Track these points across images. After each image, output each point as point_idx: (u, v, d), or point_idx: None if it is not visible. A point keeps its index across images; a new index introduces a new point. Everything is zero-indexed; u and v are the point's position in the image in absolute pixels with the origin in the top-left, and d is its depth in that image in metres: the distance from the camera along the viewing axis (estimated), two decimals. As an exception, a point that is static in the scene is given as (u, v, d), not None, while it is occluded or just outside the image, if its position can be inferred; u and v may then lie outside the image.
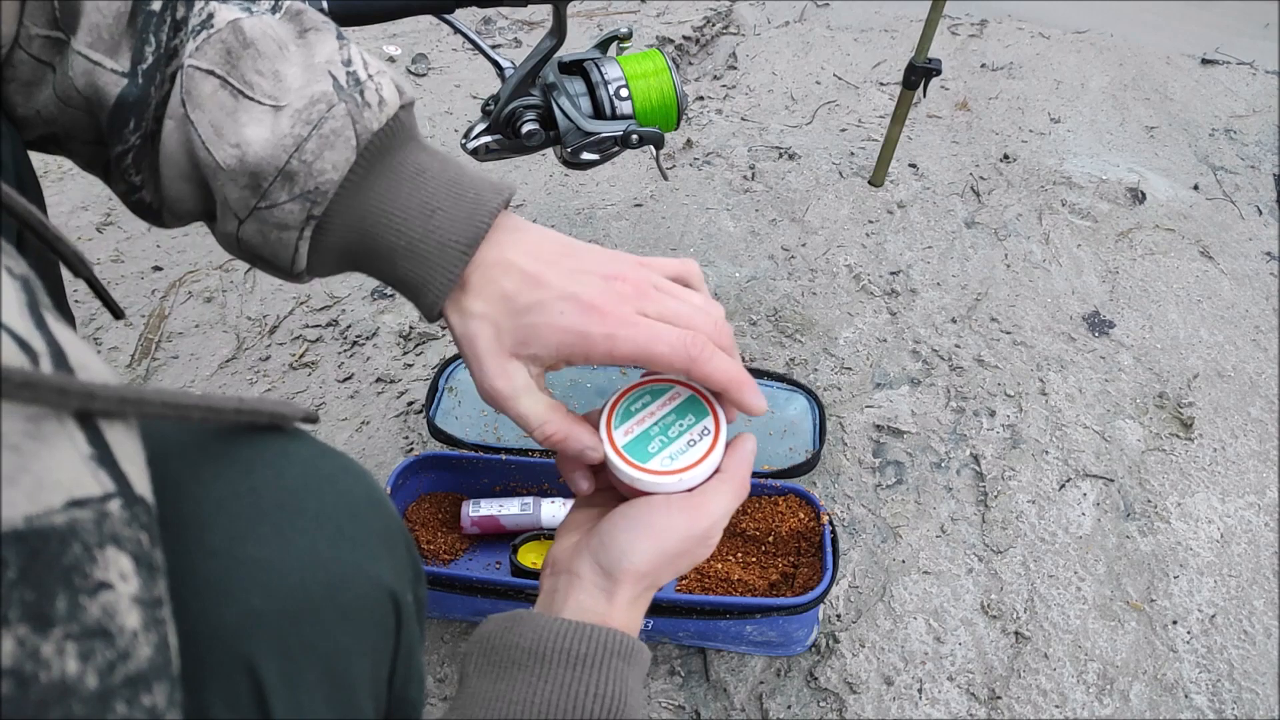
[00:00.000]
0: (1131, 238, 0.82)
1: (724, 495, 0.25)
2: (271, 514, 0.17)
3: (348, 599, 0.18)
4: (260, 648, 0.16)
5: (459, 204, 0.24)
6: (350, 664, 0.18)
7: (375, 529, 0.19)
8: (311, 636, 0.17)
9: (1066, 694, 0.48)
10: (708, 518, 0.25)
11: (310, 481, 0.18)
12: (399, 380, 0.63)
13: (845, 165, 0.88)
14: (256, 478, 0.18)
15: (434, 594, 0.45)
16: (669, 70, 0.47)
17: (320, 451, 0.20)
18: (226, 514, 0.17)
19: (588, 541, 0.25)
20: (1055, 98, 1.02)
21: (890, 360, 0.68)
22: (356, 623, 0.18)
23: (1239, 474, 0.61)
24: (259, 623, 0.16)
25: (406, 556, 0.21)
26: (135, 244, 0.73)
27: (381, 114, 0.24)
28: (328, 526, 0.18)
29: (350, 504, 0.19)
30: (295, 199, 0.23)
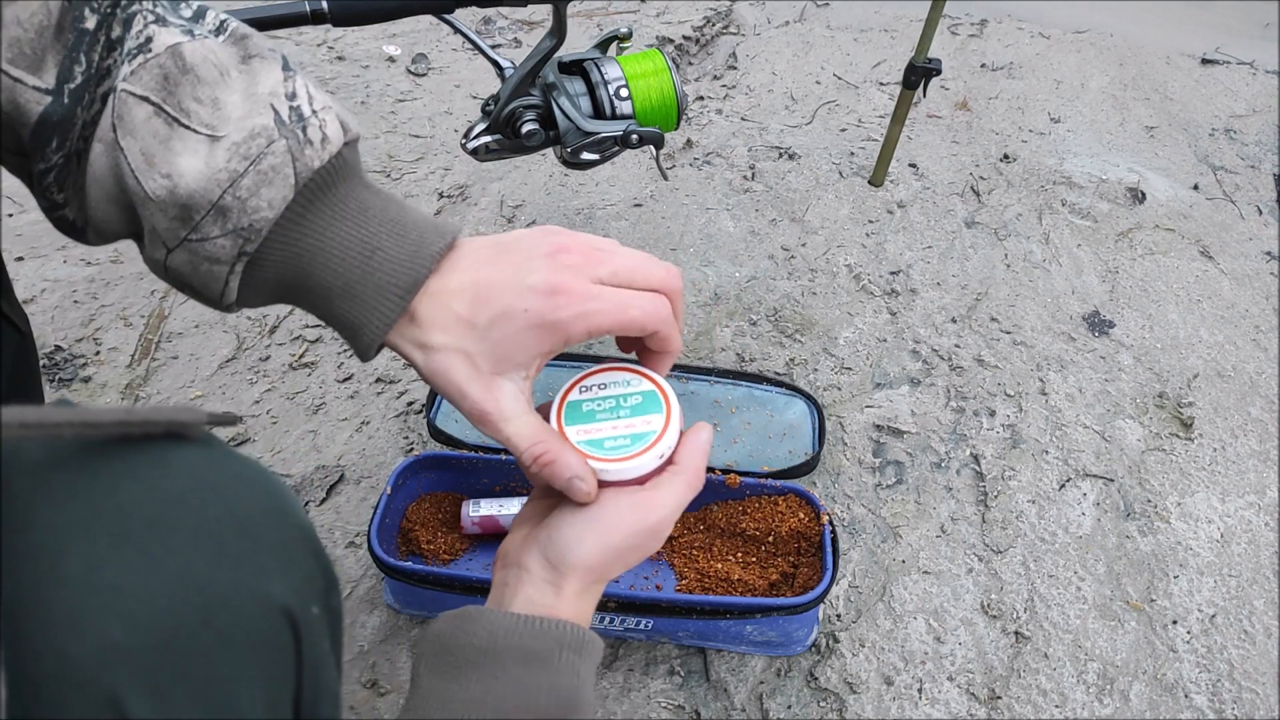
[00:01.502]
0: (1131, 237, 0.82)
1: (675, 488, 0.25)
2: (138, 534, 0.16)
3: (227, 622, 0.16)
4: (124, 681, 0.15)
5: (401, 244, 0.23)
6: (235, 692, 0.16)
7: (267, 541, 0.18)
8: (185, 666, 0.15)
9: (1066, 694, 0.48)
10: (657, 510, 0.24)
11: (190, 495, 0.17)
12: (399, 380, 0.63)
13: (845, 165, 0.87)
14: (123, 494, 0.16)
15: (433, 594, 0.45)
16: (669, 70, 0.47)
17: (211, 459, 0.18)
18: (84, 537, 0.15)
19: (536, 535, 0.25)
20: (1055, 97, 1.02)
21: (890, 360, 0.68)
22: (241, 647, 0.16)
23: (1239, 474, 0.61)
24: (120, 655, 0.15)
25: (312, 566, 0.19)
26: (134, 245, 0.73)
27: (324, 151, 0.23)
28: (206, 544, 0.17)
29: (238, 516, 0.17)
30: (227, 234, 0.22)
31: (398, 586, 0.46)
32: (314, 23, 0.41)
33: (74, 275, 0.69)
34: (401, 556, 0.49)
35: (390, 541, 0.48)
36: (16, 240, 0.71)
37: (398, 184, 0.82)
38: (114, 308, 0.67)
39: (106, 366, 0.62)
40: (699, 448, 0.26)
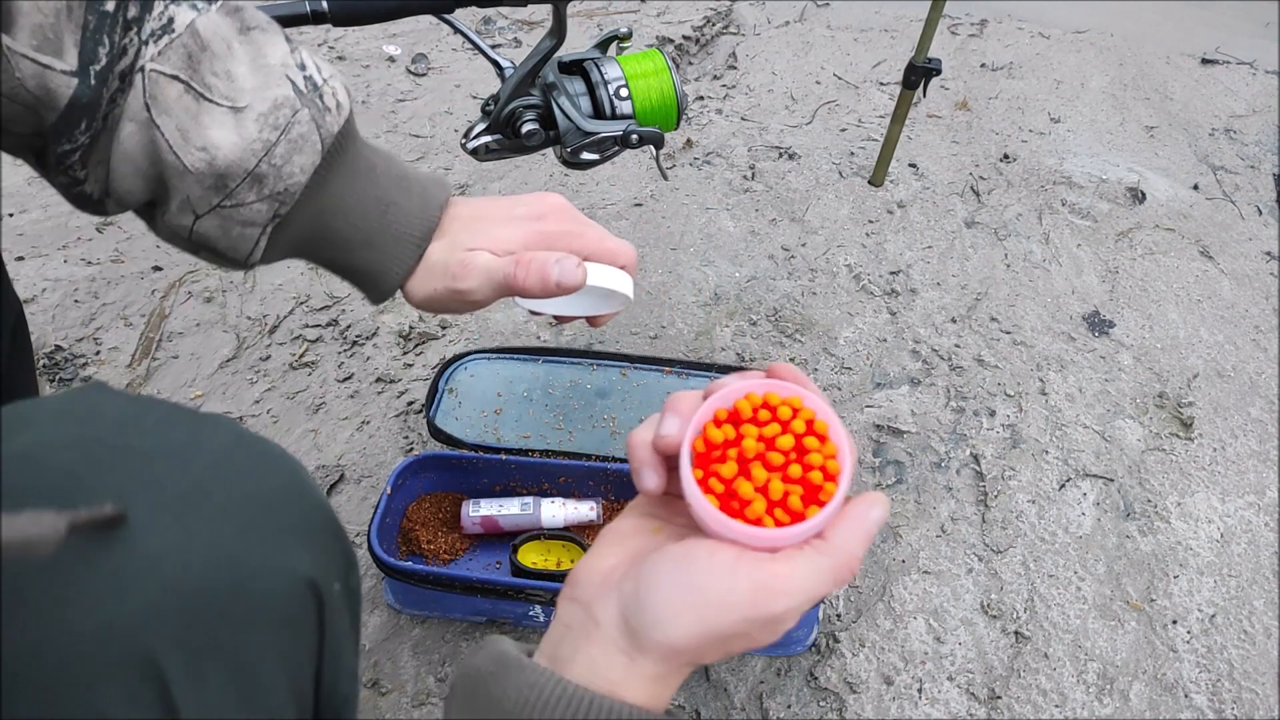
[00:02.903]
0: (1131, 237, 0.82)
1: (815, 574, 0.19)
2: (174, 506, 0.16)
3: (256, 594, 0.17)
4: (161, 642, 0.15)
5: (409, 198, 0.27)
6: (263, 661, 0.17)
7: (291, 519, 0.18)
8: (217, 633, 0.16)
9: (1066, 694, 0.48)
10: (785, 598, 0.18)
11: (220, 472, 0.18)
12: (399, 380, 0.63)
13: (845, 165, 0.87)
14: (159, 469, 0.17)
15: (434, 593, 0.45)
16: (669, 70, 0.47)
17: (236, 441, 0.19)
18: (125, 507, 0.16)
19: (621, 582, 0.20)
20: (1055, 97, 1.01)
21: (890, 360, 0.67)
22: (268, 616, 0.17)
23: (1239, 474, 0.61)
24: (159, 618, 0.15)
25: (334, 545, 0.20)
26: (135, 244, 0.73)
27: (340, 117, 0.25)
28: (236, 519, 0.17)
29: (264, 495, 0.18)
30: (264, 199, 0.24)
31: (398, 586, 0.46)
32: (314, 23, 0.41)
33: (74, 275, 0.69)
34: (402, 556, 0.49)
35: (390, 541, 0.48)
36: (18, 240, 0.71)
37: (398, 184, 0.82)
38: (114, 307, 0.67)
39: (107, 366, 0.62)
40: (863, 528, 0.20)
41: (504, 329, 0.68)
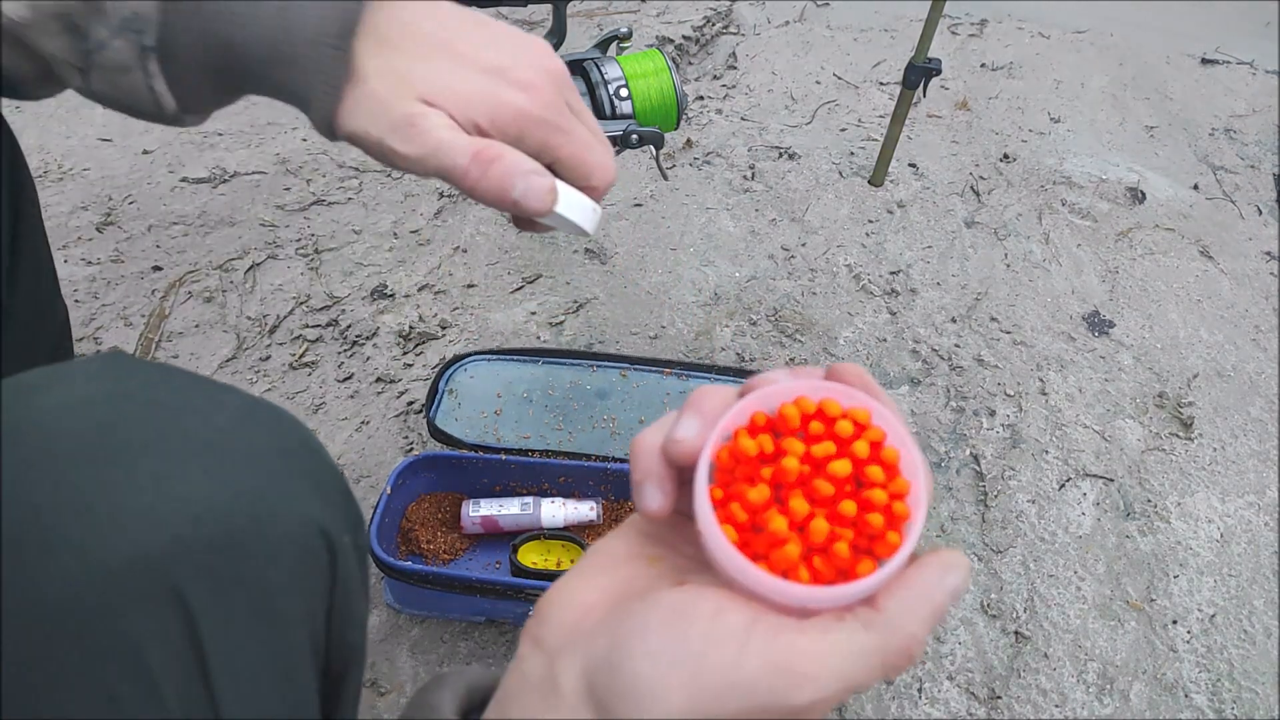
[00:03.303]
0: (1131, 237, 0.82)
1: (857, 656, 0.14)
2: (199, 454, 0.17)
3: (277, 535, 0.17)
4: (188, 576, 0.16)
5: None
6: (283, 599, 0.17)
7: (307, 470, 0.19)
8: (240, 568, 0.17)
9: (1066, 694, 0.48)
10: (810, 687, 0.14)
11: (240, 427, 0.18)
12: (399, 380, 0.63)
13: (845, 165, 0.87)
14: (185, 421, 0.17)
15: (433, 594, 0.45)
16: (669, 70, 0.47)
17: (253, 402, 0.19)
18: (154, 452, 0.17)
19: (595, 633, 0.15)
20: (1055, 97, 1.01)
21: (890, 360, 0.67)
22: (287, 558, 0.17)
23: (1239, 474, 0.61)
24: (187, 552, 0.16)
25: (344, 502, 0.20)
26: (135, 244, 0.73)
27: None
28: (257, 467, 0.18)
29: (282, 447, 0.19)
30: (117, 34, 0.19)
31: (398, 586, 0.46)
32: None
33: (74, 275, 0.69)
34: (401, 556, 0.49)
35: (390, 541, 0.48)
36: (17, 240, 0.71)
37: (399, 184, 0.82)
38: (114, 307, 0.67)
39: (107, 366, 0.62)
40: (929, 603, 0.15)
41: (504, 329, 0.68)
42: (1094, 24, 1.16)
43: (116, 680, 0.15)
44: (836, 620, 0.15)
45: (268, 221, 0.76)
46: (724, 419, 0.16)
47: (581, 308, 0.70)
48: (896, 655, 0.14)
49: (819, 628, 0.14)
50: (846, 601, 0.15)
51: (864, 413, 0.16)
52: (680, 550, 0.17)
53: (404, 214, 0.78)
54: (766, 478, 0.15)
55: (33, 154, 0.81)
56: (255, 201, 0.78)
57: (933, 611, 0.15)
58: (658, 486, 0.16)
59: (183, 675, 0.16)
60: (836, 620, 0.15)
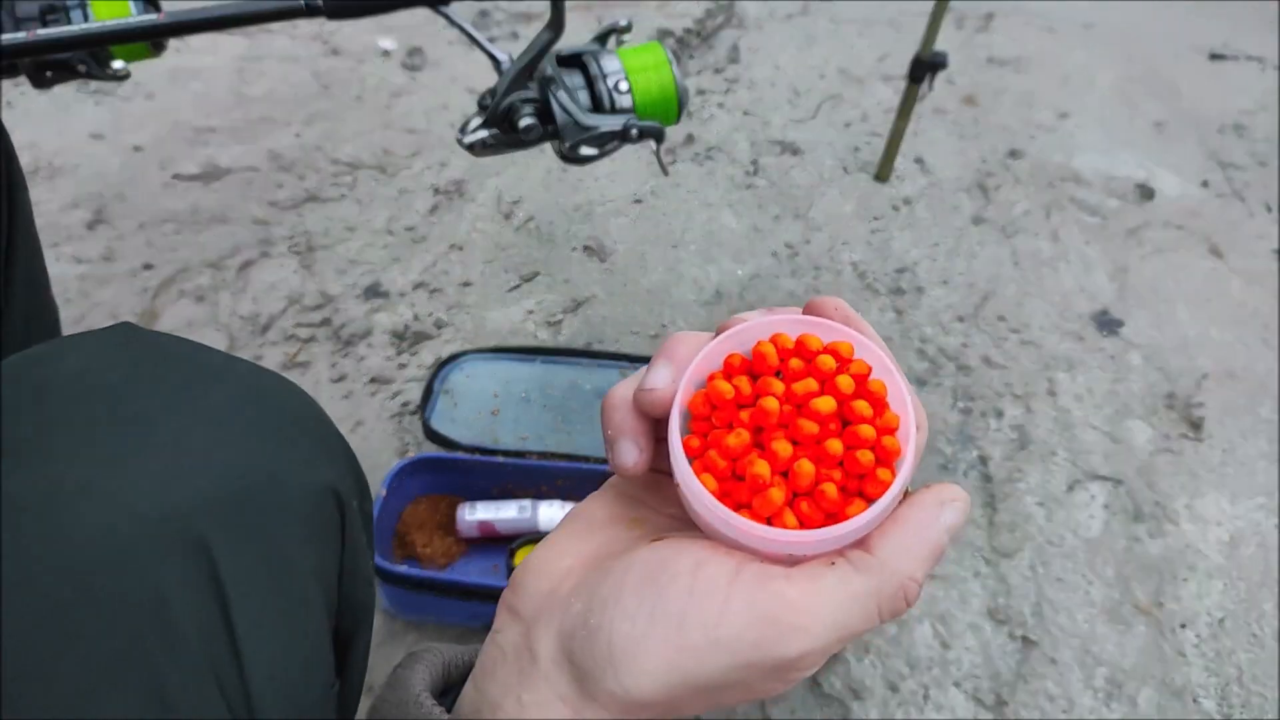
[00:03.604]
0: (1140, 235, 0.81)
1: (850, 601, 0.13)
2: (216, 415, 0.18)
3: (291, 492, 0.18)
4: (212, 529, 0.16)
5: None
6: (298, 554, 0.18)
7: (316, 438, 0.19)
8: (259, 522, 0.17)
9: (1074, 699, 0.47)
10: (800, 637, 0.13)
11: (251, 394, 0.19)
12: (393, 381, 0.62)
13: (850, 160, 0.86)
14: (197, 388, 0.18)
15: (430, 599, 0.44)
16: (669, 63, 0.46)
17: (261, 370, 0.20)
18: (172, 415, 0.17)
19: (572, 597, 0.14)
20: (1063, 93, 1.00)
21: (896, 359, 0.66)
22: (301, 516, 0.18)
23: (1249, 475, 0.60)
24: (210, 507, 0.16)
25: (351, 468, 0.21)
26: (126, 242, 0.71)
27: None
28: (269, 430, 0.18)
29: (290, 413, 0.19)
30: None
31: (393, 591, 0.45)
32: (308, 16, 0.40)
33: (65, 273, 0.68)
34: (397, 560, 0.48)
35: (385, 545, 0.47)
36: (5, 237, 0.70)
37: (393, 180, 0.81)
38: (105, 306, 0.66)
39: (97, 366, 0.61)
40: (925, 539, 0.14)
41: (501, 328, 0.67)
42: (1101, 18, 1.15)
43: (144, 626, 0.15)
44: (826, 566, 0.13)
45: (260, 219, 0.75)
46: (695, 363, 0.15)
47: (580, 306, 0.69)
48: (892, 599, 0.13)
49: (808, 574, 0.13)
50: (837, 545, 0.14)
51: (846, 346, 0.15)
52: (662, 511, 0.16)
53: (399, 210, 0.77)
54: (746, 421, 0.14)
55: (24, 151, 0.79)
56: (248, 198, 0.77)
57: (930, 550, 0.14)
58: (632, 442, 0.15)
59: (206, 623, 0.16)
60: (826, 566, 0.13)
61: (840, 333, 0.15)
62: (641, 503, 0.16)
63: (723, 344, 0.15)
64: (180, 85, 0.91)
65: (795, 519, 0.14)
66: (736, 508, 0.14)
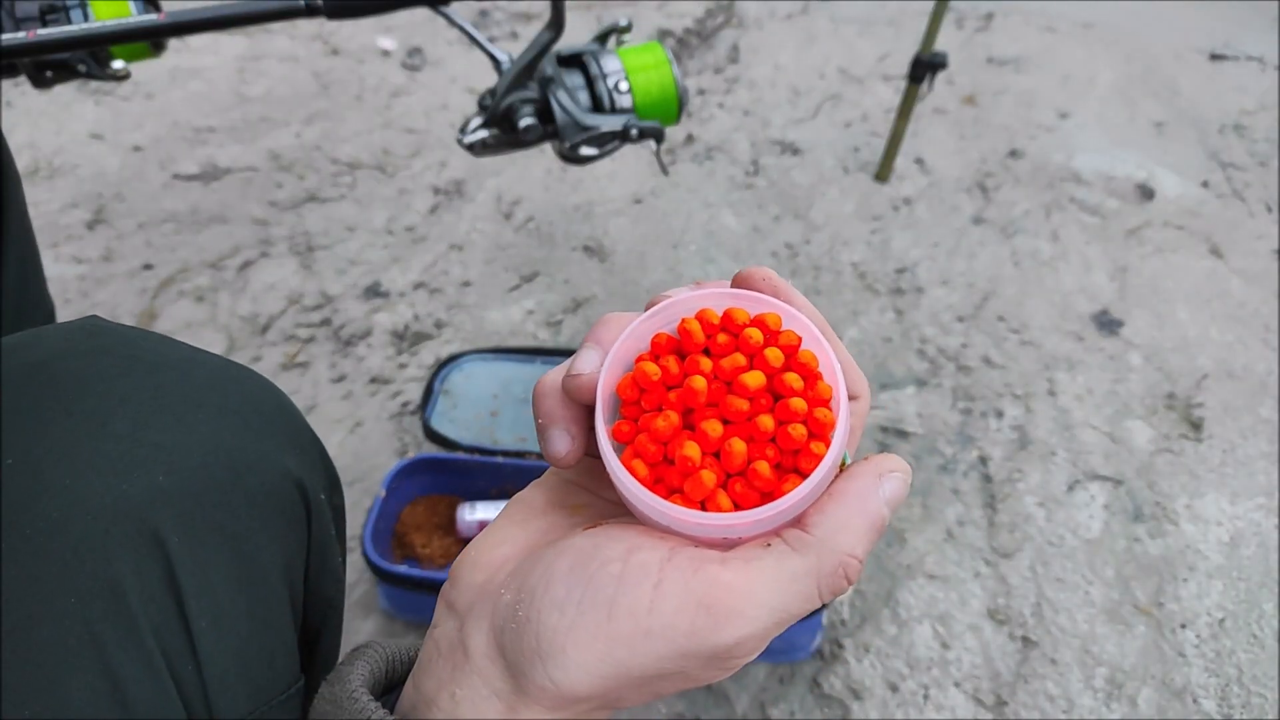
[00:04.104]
0: (1140, 235, 0.81)
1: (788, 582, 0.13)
2: (175, 406, 0.17)
3: (253, 484, 0.17)
4: (167, 522, 0.16)
5: None
6: (259, 547, 0.17)
7: (282, 429, 0.19)
8: (217, 516, 0.17)
9: (1074, 699, 0.47)
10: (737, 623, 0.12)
11: (216, 384, 0.18)
12: (393, 381, 0.62)
13: (850, 160, 0.86)
14: (161, 377, 0.18)
15: (430, 599, 0.44)
16: (669, 63, 0.46)
17: (228, 363, 0.20)
18: (130, 406, 0.17)
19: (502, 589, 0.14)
20: (1063, 93, 1.00)
21: (896, 360, 0.66)
22: (263, 508, 0.18)
23: (1249, 475, 0.60)
24: (165, 499, 0.16)
25: (319, 462, 0.20)
26: (125, 242, 0.71)
27: None
28: (233, 420, 0.18)
29: (256, 403, 0.19)
30: None
31: (393, 592, 0.45)
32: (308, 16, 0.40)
33: (64, 274, 0.68)
34: (396, 561, 0.48)
35: (385, 546, 0.47)
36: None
37: (393, 180, 0.81)
38: (104, 306, 0.66)
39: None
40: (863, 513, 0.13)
41: (501, 329, 0.67)
42: (1101, 18, 1.15)
43: (98, 618, 0.15)
44: (762, 547, 0.13)
45: (260, 219, 0.75)
46: (618, 344, 0.14)
47: (580, 306, 0.69)
48: (831, 577, 0.13)
49: (743, 557, 0.13)
50: (772, 525, 0.13)
51: (774, 318, 0.14)
52: (602, 496, 0.16)
53: (399, 210, 0.77)
54: (675, 403, 0.13)
55: (23, 151, 0.79)
56: (247, 198, 0.76)
57: (869, 524, 0.13)
58: (563, 430, 0.14)
59: (161, 616, 0.16)
60: (762, 547, 0.13)
61: (768, 304, 0.14)
62: (582, 488, 0.16)
63: (648, 323, 0.14)
64: (180, 85, 0.90)
65: (730, 501, 0.13)
66: (669, 493, 0.13)
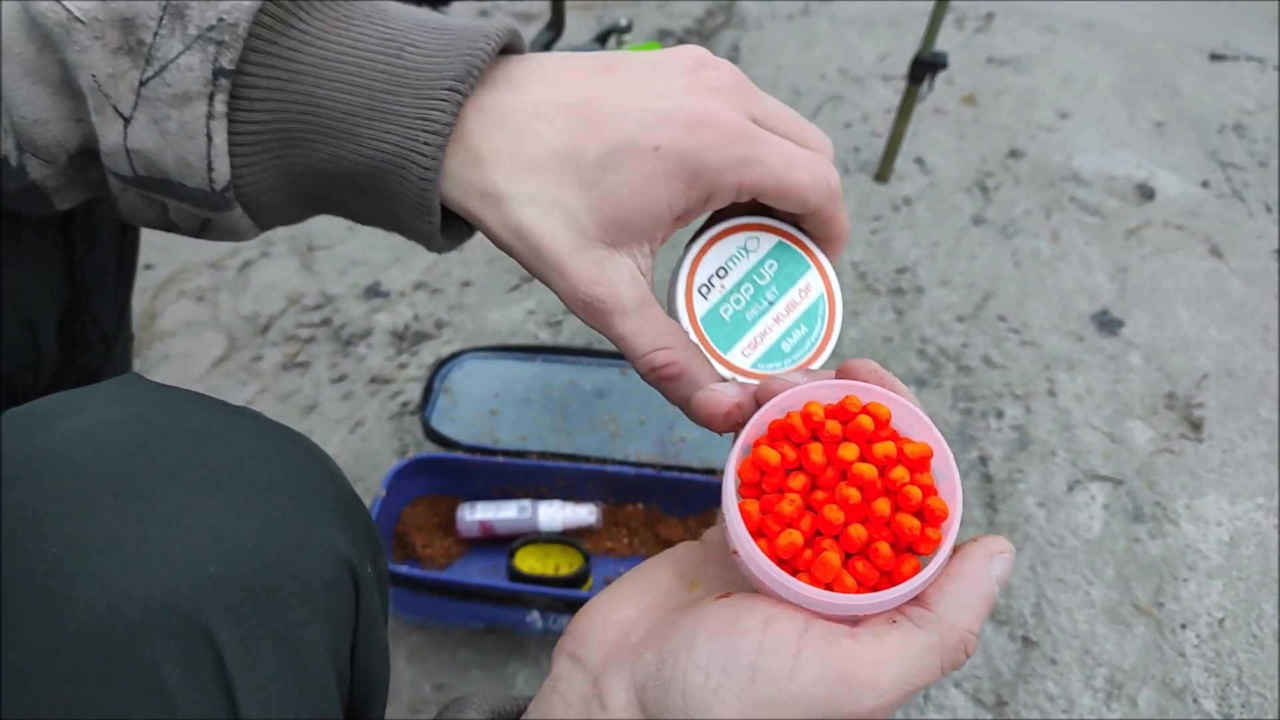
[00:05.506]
0: (1140, 235, 0.81)
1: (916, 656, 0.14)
2: (223, 485, 0.17)
3: (303, 567, 0.17)
4: (217, 614, 0.15)
5: (439, 38, 0.16)
6: (308, 633, 0.17)
7: (328, 501, 0.18)
8: (268, 604, 0.16)
9: (1074, 699, 0.47)
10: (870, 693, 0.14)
11: (260, 455, 0.17)
12: (393, 380, 0.62)
13: (850, 160, 0.86)
14: (206, 451, 0.17)
15: (430, 600, 0.44)
16: (671, 61, 0.45)
17: (268, 426, 0.19)
18: (179, 483, 0.16)
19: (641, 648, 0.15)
20: (1063, 92, 1.00)
21: (896, 360, 0.66)
22: (313, 591, 0.17)
23: (1248, 475, 0.60)
24: (215, 590, 0.16)
25: (363, 529, 0.20)
26: (125, 240, 0.71)
27: None
28: (280, 497, 0.17)
29: (302, 477, 0.18)
30: (192, 44, 0.15)
31: (394, 592, 0.45)
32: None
33: (63, 272, 0.68)
34: (397, 561, 0.48)
35: (385, 546, 0.47)
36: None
37: (394, 179, 0.80)
38: (104, 305, 0.66)
39: (96, 366, 0.61)
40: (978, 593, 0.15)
41: (501, 327, 0.66)
42: (1101, 18, 1.15)
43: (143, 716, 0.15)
44: (889, 623, 0.14)
45: (261, 217, 0.74)
46: (744, 431, 0.16)
47: (581, 306, 0.68)
48: (953, 651, 0.14)
49: (873, 632, 0.14)
50: (895, 605, 0.15)
51: (883, 409, 0.16)
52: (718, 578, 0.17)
53: (400, 210, 0.77)
54: (798, 488, 0.15)
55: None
56: (248, 197, 0.76)
57: (983, 601, 0.15)
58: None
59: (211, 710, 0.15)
60: (889, 623, 0.14)
61: (877, 394, 0.16)
62: (698, 571, 0.17)
63: (767, 413, 0.16)
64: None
65: (852, 580, 0.15)
66: (794, 572, 0.15)
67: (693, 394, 0.17)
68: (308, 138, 0.17)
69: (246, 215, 0.18)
